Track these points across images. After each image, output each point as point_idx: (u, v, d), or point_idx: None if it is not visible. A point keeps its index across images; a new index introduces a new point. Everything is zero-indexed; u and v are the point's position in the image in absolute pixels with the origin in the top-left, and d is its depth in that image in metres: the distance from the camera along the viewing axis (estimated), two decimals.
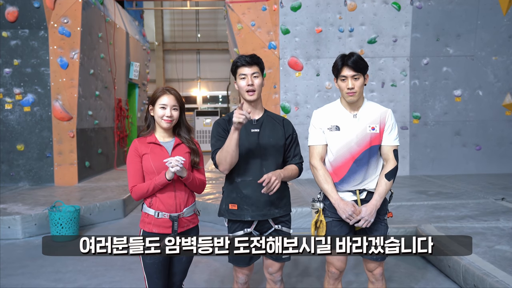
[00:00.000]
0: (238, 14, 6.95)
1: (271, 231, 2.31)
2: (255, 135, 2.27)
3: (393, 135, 2.33)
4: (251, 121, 2.28)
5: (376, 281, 2.43)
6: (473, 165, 7.21)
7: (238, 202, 2.27)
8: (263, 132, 2.28)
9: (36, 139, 6.74)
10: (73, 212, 4.61)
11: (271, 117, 2.35)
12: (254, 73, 2.24)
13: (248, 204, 2.25)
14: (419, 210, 4.68)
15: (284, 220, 2.35)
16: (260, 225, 2.29)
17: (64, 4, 6.65)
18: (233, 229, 2.31)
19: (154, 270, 2.20)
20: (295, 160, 2.36)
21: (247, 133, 2.27)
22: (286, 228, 2.34)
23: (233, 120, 2.07)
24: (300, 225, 4.76)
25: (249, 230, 2.28)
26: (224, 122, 2.33)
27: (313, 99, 7.05)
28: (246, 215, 2.26)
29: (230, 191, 2.31)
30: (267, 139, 2.27)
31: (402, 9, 6.94)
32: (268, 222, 2.30)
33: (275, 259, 2.33)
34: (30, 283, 3.48)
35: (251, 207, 2.25)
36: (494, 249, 3.33)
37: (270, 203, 2.26)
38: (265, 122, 2.31)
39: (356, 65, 2.25)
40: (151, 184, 2.15)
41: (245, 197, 2.25)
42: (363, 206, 2.27)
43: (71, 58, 6.71)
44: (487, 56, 7.12)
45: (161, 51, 18.54)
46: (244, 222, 2.29)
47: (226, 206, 2.32)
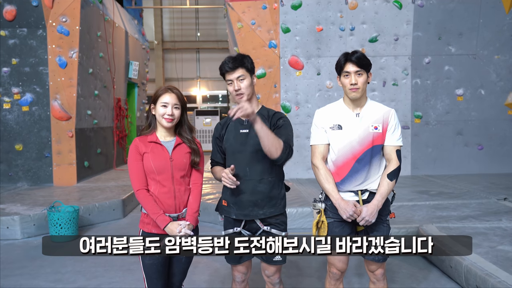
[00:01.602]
0: (238, 12, 6.91)
1: (260, 232, 2.29)
2: (243, 136, 2.27)
3: (396, 135, 2.31)
4: (242, 121, 2.28)
5: (377, 281, 2.41)
6: (475, 165, 7.17)
7: (228, 199, 2.32)
8: (252, 132, 2.22)
9: (34, 139, 6.70)
10: (72, 213, 4.59)
11: (262, 115, 2.27)
12: (240, 77, 2.22)
13: (233, 202, 2.29)
14: (421, 210, 4.65)
15: (275, 222, 2.29)
16: (249, 225, 2.30)
17: (62, 3, 6.61)
18: (225, 226, 2.36)
19: (154, 271, 2.18)
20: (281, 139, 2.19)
21: (236, 133, 2.29)
22: (277, 230, 2.29)
23: (222, 181, 2.19)
24: (301, 225, 4.74)
25: (238, 229, 2.30)
26: (218, 129, 2.39)
27: (314, 98, 7.01)
28: (232, 213, 2.31)
29: (225, 188, 2.35)
30: (254, 140, 2.21)
31: (403, 7, 6.90)
32: (255, 222, 2.29)
33: (266, 261, 2.31)
34: (29, 284, 3.46)
35: (235, 206, 2.29)
36: (496, 249, 3.30)
37: (252, 203, 2.25)
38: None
39: (360, 61, 2.24)
40: (153, 214, 2.14)
41: (231, 196, 2.29)
42: (364, 206, 2.25)
43: (70, 57, 6.67)
44: (489, 55, 7.09)
45: (160, 50, 18.50)
46: (234, 220, 2.32)
47: (220, 201, 2.40)
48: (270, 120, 2.28)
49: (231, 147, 2.28)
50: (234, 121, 2.28)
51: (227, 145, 2.30)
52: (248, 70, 2.25)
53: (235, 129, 2.29)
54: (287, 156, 2.19)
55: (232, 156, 2.29)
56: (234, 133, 2.29)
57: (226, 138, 2.32)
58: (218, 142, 2.36)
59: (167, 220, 2.13)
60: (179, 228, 2.11)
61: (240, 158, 2.26)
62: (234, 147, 2.28)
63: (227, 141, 2.31)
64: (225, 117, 2.55)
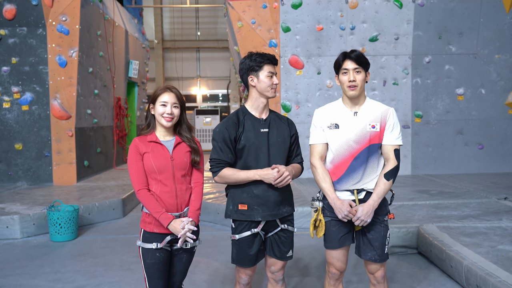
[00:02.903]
0: (238, 11, 6.90)
1: (277, 231, 2.33)
2: (264, 135, 2.29)
3: (394, 134, 2.30)
4: (260, 120, 2.32)
5: (378, 284, 2.40)
6: (476, 164, 7.16)
7: (249, 202, 2.26)
8: (271, 131, 2.31)
9: (34, 138, 6.69)
10: (72, 212, 4.58)
11: (276, 117, 2.39)
12: (275, 73, 2.33)
13: (258, 204, 2.26)
14: (421, 210, 4.64)
15: (289, 219, 2.39)
16: (267, 225, 2.31)
17: (62, 2, 6.61)
18: (240, 229, 2.29)
19: (155, 270, 2.18)
20: (297, 159, 2.40)
21: (257, 132, 2.29)
22: (291, 227, 2.39)
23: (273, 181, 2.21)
24: (301, 224, 4.73)
25: (256, 230, 2.28)
26: (230, 129, 2.26)
27: (314, 97, 7.00)
28: (256, 215, 2.26)
29: (241, 192, 2.29)
30: (275, 139, 2.31)
31: (404, 6, 6.89)
32: (275, 221, 2.32)
33: (279, 257, 2.35)
34: (29, 283, 3.45)
35: (262, 207, 2.26)
36: (497, 249, 3.29)
37: (279, 202, 2.30)
38: (272, 121, 2.34)
39: (358, 59, 2.25)
40: (155, 214, 2.14)
41: (256, 197, 2.26)
42: (360, 206, 2.24)
43: (70, 57, 6.66)
44: (490, 54, 7.07)
45: (160, 49, 18.49)
46: (251, 222, 2.28)
47: (235, 207, 2.30)
48: (288, 124, 2.39)
49: (254, 146, 2.26)
50: (250, 120, 2.29)
51: (249, 144, 2.25)
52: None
53: (254, 129, 2.28)
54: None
55: (255, 155, 2.26)
56: (254, 133, 2.28)
57: (246, 137, 2.25)
58: (232, 143, 2.25)
59: (170, 218, 2.13)
60: (183, 225, 2.12)
61: (262, 157, 2.27)
62: (256, 146, 2.27)
63: (248, 140, 2.25)
64: (225, 116, 2.57)
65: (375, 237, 2.32)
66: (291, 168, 2.29)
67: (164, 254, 2.20)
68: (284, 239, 2.34)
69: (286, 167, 2.24)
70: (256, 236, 2.28)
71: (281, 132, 2.33)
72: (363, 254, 2.36)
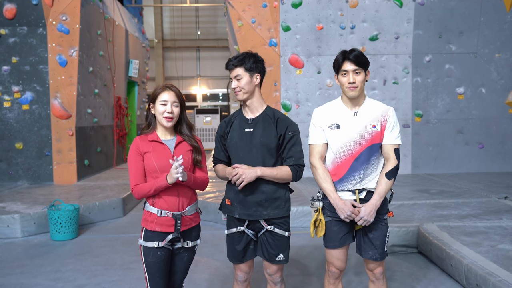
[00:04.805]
0: (238, 11, 6.90)
1: (264, 232, 2.31)
2: (248, 135, 2.29)
3: (394, 133, 2.30)
4: (246, 119, 2.31)
5: (376, 280, 2.42)
6: (476, 164, 7.16)
7: (232, 198, 2.33)
8: (256, 131, 2.28)
9: (35, 138, 6.70)
10: (72, 211, 4.58)
11: (268, 116, 2.31)
12: (237, 76, 2.28)
13: (237, 201, 2.31)
14: (421, 209, 4.64)
15: (278, 222, 2.30)
16: (252, 225, 2.32)
17: (62, 1, 6.60)
18: (229, 225, 2.38)
19: (156, 269, 2.18)
20: (289, 161, 2.28)
21: (241, 132, 2.30)
22: (281, 230, 2.30)
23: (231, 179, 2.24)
24: (301, 224, 4.73)
25: (242, 228, 2.32)
26: (222, 127, 2.39)
27: (314, 97, 7.00)
28: (235, 212, 2.32)
29: (229, 188, 2.37)
30: (258, 139, 2.26)
31: (404, 5, 6.89)
32: (259, 222, 2.30)
33: (268, 259, 2.32)
34: (29, 282, 3.45)
35: (239, 205, 2.30)
36: (497, 248, 3.29)
37: (256, 204, 2.27)
38: (260, 121, 2.30)
39: (358, 60, 2.23)
40: (152, 187, 2.14)
41: (237, 194, 2.30)
42: (362, 206, 2.25)
43: (70, 56, 6.66)
44: (490, 53, 7.07)
45: (160, 48, 18.47)
46: (237, 220, 2.33)
47: (223, 200, 2.41)
48: (276, 124, 2.28)
49: (236, 146, 2.29)
50: (238, 120, 2.33)
51: (232, 143, 2.31)
52: (247, 70, 2.27)
53: (240, 128, 2.30)
54: (298, 178, 2.31)
55: (237, 155, 2.30)
56: (239, 132, 2.29)
57: (230, 136, 2.33)
58: (222, 140, 2.37)
59: (164, 176, 2.10)
60: (175, 165, 2.04)
61: (244, 157, 2.26)
62: (238, 146, 2.29)
63: (231, 139, 2.31)
64: (226, 115, 2.57)
65: (376, 236, 2.32)
66: (276, 170, 2.22)
67: (165, 252, 2.20)
68: (272, 241, 2.28)
69: (249, 167, 2.18)
70: (243, 234, 2.32)
71: (267, 133, 2.26)
72: (364, 253, 2.37)
